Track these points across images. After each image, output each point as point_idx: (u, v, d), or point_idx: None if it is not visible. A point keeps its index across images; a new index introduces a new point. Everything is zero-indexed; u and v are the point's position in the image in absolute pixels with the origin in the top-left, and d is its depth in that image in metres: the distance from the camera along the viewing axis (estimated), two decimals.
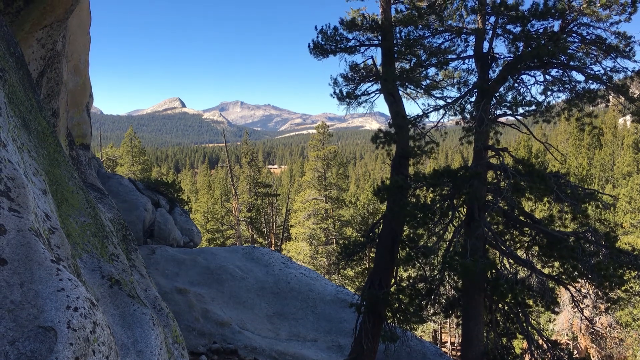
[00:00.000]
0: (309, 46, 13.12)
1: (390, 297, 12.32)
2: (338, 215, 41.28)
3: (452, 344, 42.41)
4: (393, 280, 12.89)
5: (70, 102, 14.23)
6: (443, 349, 42.69)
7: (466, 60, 12.46)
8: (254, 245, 30.16)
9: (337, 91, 13.18)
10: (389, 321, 12.42)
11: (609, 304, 12.24)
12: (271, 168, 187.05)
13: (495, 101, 11.52)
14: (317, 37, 12.95)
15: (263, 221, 55.91)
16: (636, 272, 11.18)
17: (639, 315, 29.84)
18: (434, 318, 29.35)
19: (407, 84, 13.14)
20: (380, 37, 12.89)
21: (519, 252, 12.59)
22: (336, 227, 41.01)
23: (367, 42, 13.12)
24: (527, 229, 12.27)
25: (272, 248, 52.74)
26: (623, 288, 11.38)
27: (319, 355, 13.51)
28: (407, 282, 12.69)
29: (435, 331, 43.25)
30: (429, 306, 12.64)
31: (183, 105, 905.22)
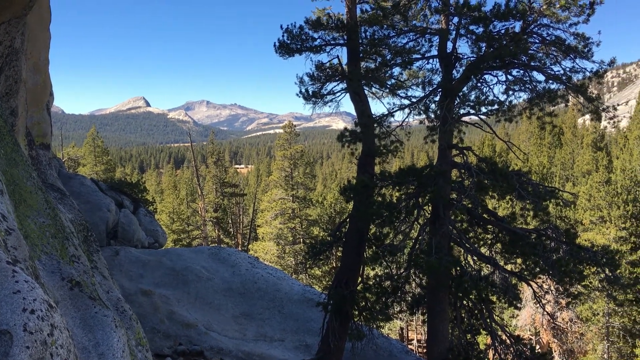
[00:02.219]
0: (274, 45, 13.08)
1: (357, 296, 12.37)
2: (305, 215, 41.29)
3: (419, 341, 42.86)
4: (360, 279, 12.94)
5: (30, 100, 13.85)
6: (410, 346, 43.10)
7: (430, 60, 12.59)
8: (220, 246, 29.91)
9: (303, 90, 13.18)
10: (355, 320, 12.47)
11: (570, 299, 12.56)
12: (238, 168, 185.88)
13: (458, 100, 11.67)
14: (283, 36, 12.92)
15: (230, 221, 55.55)
16: (595, 268, 11.47)
17: (598, 310, 30.68)
18: (400, 316, 29.62)
19: (372, 83, 13.21)
20: (345, 37, 12.92)
21: (483, 250, 12.78)
22: (303, 227, 41.01)
23: (332, 42, 13.14)
24: (490, 226, 12.47)
25: (239, 248, 52.43)
26: (583, 283, 11.67)
27: (286, 355, 13.48)
28: (373, 281, 12.75)
29: (401, 329, 43.64)
30: (395, 304, 12.73)
31: (148, 104, 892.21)
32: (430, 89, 12.61)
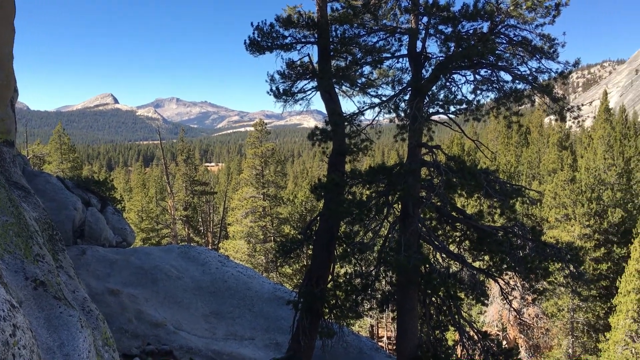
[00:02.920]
0: (245, 42, 12.99)
1: (327, 294, 12.41)
2: (276, 213, 41.20)
3: (389, 338, 43.19)
4: (330, 277, 12.98)
5: None
6: (380, 344, 43.41)
7: (400, 59, 12.67)
8: (190, 244, 29.65)
9: (274, 88, 13.11)
10: (326, 317, 12.51)
11: (536, 296, 12.79)
12: (208, 166, 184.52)
13: (428, 99, 11.77)
14: (254, 33, 12.84)
15: (200, 219, 55.12)
16: (560, 264, 11.71)
17: (563, 305, 31.37)
18: (370, 313, 29.80)
19: (343, 81, 13.22)
20: (316, 35, 12.91)
21: (451, 247, 12.94)
22: (274, 225, 40.93)
23: (303, 40, 13.11)
24: (458, 224, 12.62)
25: (209, 247, 52.04)
26: (548, 280, 11.90)
27: (256, 354, 13.46)
28: (343, 279, 12.80)
29: (372, 326, 43.90)
30: (364, 301, 12.81)
31: (116, 101, 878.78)
32: (400, 87, 12.70)
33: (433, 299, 12.55)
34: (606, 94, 60.14)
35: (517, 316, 25.87)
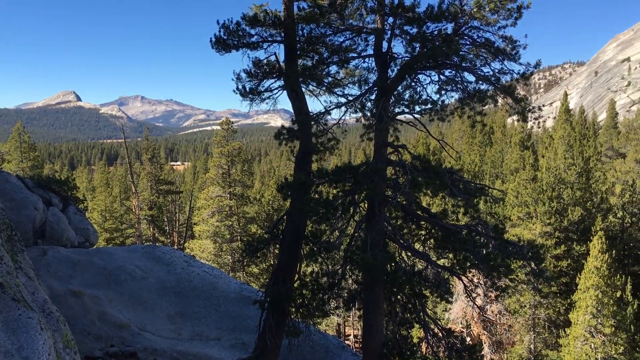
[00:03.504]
0: (211, 40, 12.88)
1: (294, 293, 12.41)
2: (243, 212, 40.96)
3: (355, 336, 43.42)
4: (297, 276, 12.98)
5: None
6: (346, 342, 43.62)
7: (366, 59, 12.76)
8: (155, 244, 29.28)
9: (240, 87, 13.04)
10: (292, 316, 12.50)
11: (498, 292, 13.05)
12: (174, 165, 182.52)
13: (394, 99, 11.90)
14: (220, 31, 12.74)
15: (165, 219, 54.41)
16: (522, 262, 11.97)
17: (525, 302, 32.02)
18: (337, 311, 29.91)
19: (309, 81, 13.23)
20: (283, 34, 12.89)
21: (417, 245, 13.10)
22: (241, 224, 40.69)
23: (270, 39, 13.07)
24: (424, 222, 12.79)
25: (175, 247, 51.44)
26: (510, 277, 12.16)
27: (222, 354, 13.38)
28: (310, 277, 12.83)
29: (338, 324, 44.08)
30: (331, 300, 12.85)
31: (78, 99, 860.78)
32: (366, 87, 12.80)
33: (399, 296, 12.68)
34: (566, 95, 61.61)
35: (481, 313, 26.36)
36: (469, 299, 13.68)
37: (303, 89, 13.21)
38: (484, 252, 11.53)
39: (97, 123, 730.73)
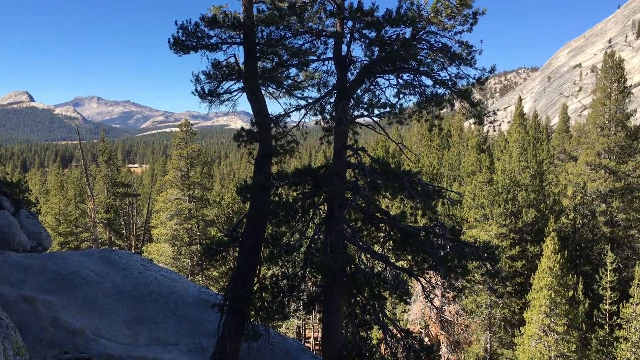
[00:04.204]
0: (169, 41, 12.71)
1: (253, 296, 12.34)
2: (202, 215, 40.56)
3: (316, 338, 43.50)
4: (256, 279, 12.92)
5: None
6: (307, 344, 43.64)
7: (326, 62, 12.83)
8: (111, 248, 28.67)
9: (199, 88, 12.91)
10: (252, 320, 12.44)
11: (456, 293, 13.29)
12: (131, 167, 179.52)
13: (353, 102, 11.99)
14: (178, 32, 12.58)
15: (122, 222, 53.44)
16: (478, 262, 12.22)
17: (482, 302, 32.67)
18: (297, 314, 29.88)
19: (269, 83, 13.21)
20: (242, 36, 12.83)
21: (376, 247, 13.21)
22: (200, 227, 40.26)
23: (229, 40, 12.98)
24: (382, 224, 12.92)
25: (133, 250, 50.53)
26: (467, 278, 12.39)
27: (181, 359, 13.19)
28: (270, 280, 12.79)
29: (299, 327, 44.06)
30: (291, 303, 12.85)
31: (31, 99, 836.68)
32: (326, 90, 12.87)
33: (358, 298, 12.77)
34: (521, 100, 63.21)
35: (439, 314, 26.74)
36: (427, 300, 13.88)
37: (263, 91, 13.17)
38: (442, 253, 11.72)
39: (51, 124, 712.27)
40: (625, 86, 42.29)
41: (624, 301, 28.24)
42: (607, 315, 31.21)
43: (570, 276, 28.35)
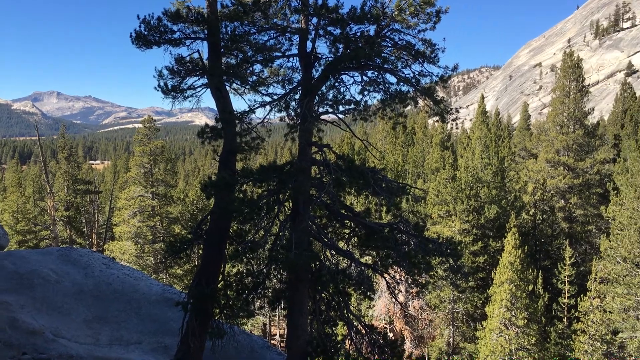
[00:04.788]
0: (131, 36, 12.48)
1: (218, 293, 12.26)
2: (166, 213, 40.06)
3: (281, 335, 43.47)
4: (221, 277, 12.83)
5: None
6: (272, 342, 43.59)
7: (291, 59, 12.79)
8: (72, 247, 28.05)
9: (162, 84, 12.71)
10: (216, 317, 12.35)
11: (419, 289, 13.46)
12: (93, 164, 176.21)
13: (318, 99, 11.99)
14: (140, 26, 12.36)
15: (83, 220, 52.38)
16: (441, 258, 12.39)
17: (445, 297, 33.16)
18: (262, 311, 29.79)
19: (233, 79, 13.10)
20: (206, 31, 12.69)
21: (341, 244, 13.28)
22: (164, 225, 39.76)
23: (193, 35, 12.83)
24: (347, 221, 12.97)
25: (94, 249, 49.63)
26: (430, 273, 12.56)
27: (144, 358, 13.02)
28: (234, 278, 12.72)
29: (264, 324, 43.96)
30: (256, 300, 12.81)
31: None
32: (291, 87, 12.84)
33: (323, 295, 12.81)
34: (483, 98, 64.28)
35: (403, 309, 27.05)
36: (391, 295, 14.01)
37: (227, 88, 13.06)
38: (406, 249, 11.84)
39: (9, 120, 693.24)
40: (584, 85, 43.47)
41: (582, 295, 29.08)
42: (566, 308, 32.09)
43: (530, 271, 29.00)
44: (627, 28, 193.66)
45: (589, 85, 46.82)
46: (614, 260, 29.32)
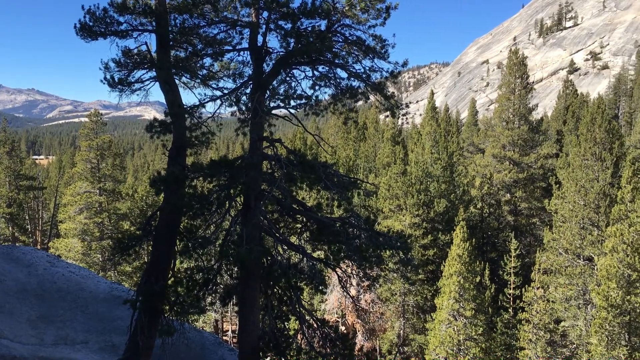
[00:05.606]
0: (75, 27, 12.10)
1: (168, 290, 12.07)
2: (114, 209, 39.18)
3: (234, 331, 43.17)
4: (170, 273, 12.64)
5: None
6: (224, 338, 43.27)
7: (242, 53, 12.66)
8: (14, 245, 27.09)
9: (109, 77, 12.37)
10: (166, 315, 12.16)
11: (370, 282, 13.62)
12: (37, 159, 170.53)
13: (269, 94, 11.94)
14: (85, 17, 12.00)
15: (27, 217, 50.62)
16: (391, 251, 12.56)
17: (396, 290, 33.68)
18: (214, 308, 29.54)
19: (183, 72, 12.88)
20: (154, 23, 12.41)
21: (292, 239, 13.27)
22: (112, 221, 38.90)
23: (140, 27, 12.52)
24: (299, 216, 12.98)
25: (38, 246, 48.08)
26: (381, 266, 12.72)
27: (90, 357, 12.72)
28: (184, 274, 12.54)
29: (216, 321, 43.62)
30: (207, 296, 12.67)
31: None
32: (242, 81, 12.72)
33: (275, 290, 12.79)
34: (433, 94, 65.46)
35: (355, 303, 27.32)
36: (343, 289, 14.11)
37: (177, 81, 12.83)
38: (357, 243, 11.94)
39: None
40: (528, 82, 44.82)
41: (526, 285, 30.06)
42: (511, 299, 33.11)
43: (478, 263, 29.78)
44: (570, 27, 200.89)
45: (533, 82, 48.46)
46: (556, 251, 30.44)
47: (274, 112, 12.55)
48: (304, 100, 11.75)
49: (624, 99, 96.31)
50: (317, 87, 11.94)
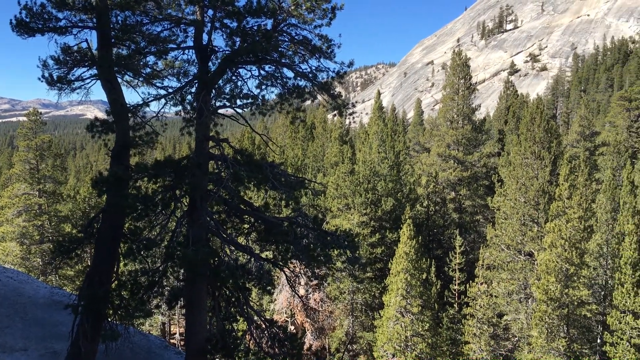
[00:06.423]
0: (11, 22, 11.63)
1: (111, 294, 11.78)
2: (55, 211, 37.94)
3: (181, 334, 42.51)
4: (114, 276, 12.33)
5: None
6: (172, 341, 42.57)
7: (186, 51, 12.45)
8: None
9: (47, 75, 11.95)
10: (110, 319, 11.86)
11: (319, 281, 13.67)
12: None
13: (215, 93, 11.80)
14: (21, 13, 11.55)
15: None
16: (339, 250, 12.63)
17: (344, 288, 33.95)
18: (160, 310, 29.00)
19: (125, 71, 12.58)
20: (95, 20, 12.07)
21: (240, 239, 13.18)
22: (52, 224, 37.64)
23: (80, 24, 12.13)
24: (247, 216, 12.90)
25: None
26: (329, 265, 12.78)
27: None
28: (128, 277, 12.25)
29: (163, 324, 42.89)
30: (152, 299, 12.43)
31: None
32: (187, 80, 12.53)
33: (222, 291, 12.67)
34: (379, 94, 66.22)
35: (303, 302, 27.36)
36: (291, 289, 14.12)
37: (119, 80, 12.52)
38: (305, 243, 11.96)
39: None
40: (471, 83, 45.99)
41: (471, 281, 30.88)
42: (457, 294, 33.93)
43: (424, 260, 30.36)
44: (510, 30, 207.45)
45: (476, 83, 49.81)
46: (498, 247, 31.40)
47: (220, 111, 12.41)
48: (250, 100, 11.66)
49: (562, 99, 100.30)
50: (263, 87, 11.90)
